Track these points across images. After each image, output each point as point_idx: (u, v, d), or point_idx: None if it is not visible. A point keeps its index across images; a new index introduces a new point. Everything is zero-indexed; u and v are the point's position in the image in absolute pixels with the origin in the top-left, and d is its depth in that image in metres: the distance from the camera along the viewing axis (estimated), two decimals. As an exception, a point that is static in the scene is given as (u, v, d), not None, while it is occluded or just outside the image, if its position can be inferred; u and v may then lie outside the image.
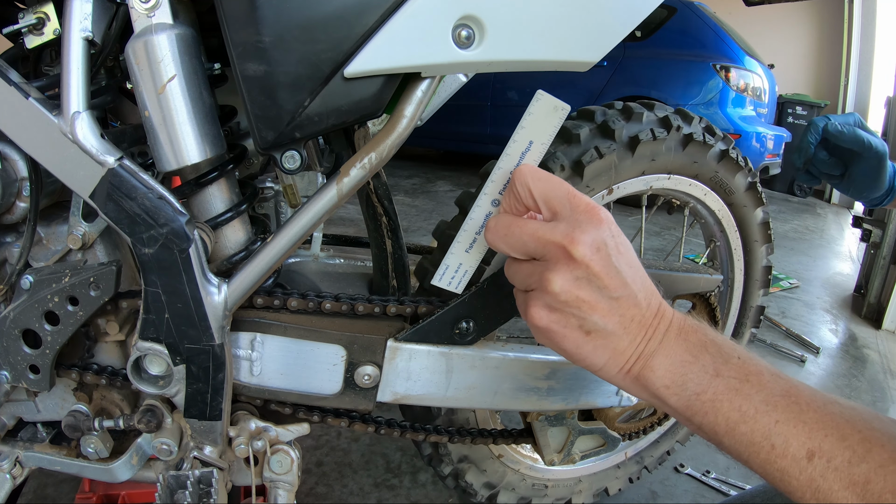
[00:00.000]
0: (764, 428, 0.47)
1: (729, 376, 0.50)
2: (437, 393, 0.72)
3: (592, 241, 0.49)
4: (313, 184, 1.06)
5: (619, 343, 0.51)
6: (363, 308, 0.70)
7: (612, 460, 1.21)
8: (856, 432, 0.45)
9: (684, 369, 0.51)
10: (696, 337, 0.52)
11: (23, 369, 0.66)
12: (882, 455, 0.43)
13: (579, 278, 0.50)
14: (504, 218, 0.54)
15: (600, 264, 0.49)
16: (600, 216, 0.51)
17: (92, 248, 0.68)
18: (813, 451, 0.45)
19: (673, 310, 0.54)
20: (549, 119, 0.55)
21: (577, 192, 0.52)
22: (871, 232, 2.59)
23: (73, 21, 0.55)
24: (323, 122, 0.57)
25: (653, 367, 0.51)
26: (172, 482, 0.67)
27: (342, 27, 0.53)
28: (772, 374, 0.50)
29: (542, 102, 0.55)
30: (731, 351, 0.51)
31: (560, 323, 0.51)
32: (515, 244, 0.53)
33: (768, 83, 4.45)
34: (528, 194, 0.53)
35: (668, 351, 0.51)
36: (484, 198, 0.58)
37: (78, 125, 0.55)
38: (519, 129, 0.56)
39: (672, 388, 0.51)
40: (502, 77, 4.84)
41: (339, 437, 1.47)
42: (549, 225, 0.51)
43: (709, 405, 0.49)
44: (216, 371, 0.65)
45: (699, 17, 4.34)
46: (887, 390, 1.99)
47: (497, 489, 1.08)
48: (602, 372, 0.53)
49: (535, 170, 0.54)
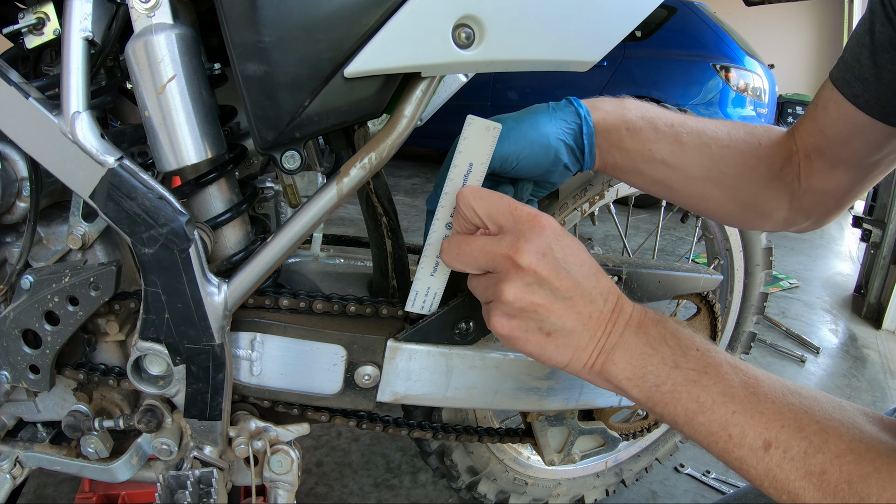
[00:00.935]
0: (721, 418, 0.49)
1: (687, 368, 0.51)
2: (437, 393, 0.72)
3: (537, 248, 0.52)
4: (313, 184, 1.06)
5: (580, 340, 0.53)
6: (363, 308, 0.70)
7: (592, 468, 1.21)
8: (813, 423, 0.46)
9: (644, 361, 0.53)
10: (656, 330, 0.54)
11: (23, 369, 0.66)
12: (839, 445, 0.44)
13: (530, 284, 0.52)
14: (455, 238, 0.57)
15: (547, 268, 0.52)
16: (542, 223, 0.53)
17: (92, 248, 0.68)
18: (769, 441, 0.47)
19: (633, 304, 0.56)
20: (483, 140, 0.58)
21: (518, 204, 0.55)
22: (871, 232, 2.59)
23: (73, 21, 0.55)
24: (323, 122, 0.57)
25: (614, 360, 0.53)
26: (172, 482, 0.67)
27: (342, 27, 0.53)
28: (731, 365, 0.52)
29: (474, 126, 0.58)
30: (690, 343, 0.53)
31: (521, 328, 0.54)
32: (467, 260, 0.56)
33: (768, 83, 4.44)
34: (473, 214, 0.56)
35: (628, 344, 0.53)
36: (437, 223, 0.60)
37: (78, 125, 0.55)
38: (457, 154, 0.58)
39: (633, 381, 0.53)
40: (502, 77, 4.84)
41: (339, 437, 1.47)
42: (495, 239, 0.54)
43: (668, 396, 0.51)
44: (216, 371, 0.65)
45: (699, 17, 4.34)
46: (887, 390, 1.99)
47: (479, 476, 1.07)
48: (569, 368, 0.55)
49: (476, 189, 0.57)
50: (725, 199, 0.74)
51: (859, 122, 0.65)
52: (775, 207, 0.75)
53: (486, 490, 1.10)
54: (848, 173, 0.70)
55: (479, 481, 1.09)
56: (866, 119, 0.64)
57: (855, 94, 0.64)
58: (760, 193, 0.73)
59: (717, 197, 0.74)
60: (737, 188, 0.73)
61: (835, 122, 0.67)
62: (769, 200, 0.74)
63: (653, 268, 0.81)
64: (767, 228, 0.80)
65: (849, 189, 0.71)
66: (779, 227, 0.78)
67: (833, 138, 0.68)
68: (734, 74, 4.18)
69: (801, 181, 0.73)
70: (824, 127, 0.69)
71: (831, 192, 0.72)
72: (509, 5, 0.54)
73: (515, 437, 0.94)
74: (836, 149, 0.68)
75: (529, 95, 4.94)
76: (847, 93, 0.65)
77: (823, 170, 0.71)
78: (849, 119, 0.66)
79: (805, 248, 3.78)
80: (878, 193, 2.70)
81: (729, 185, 0.73)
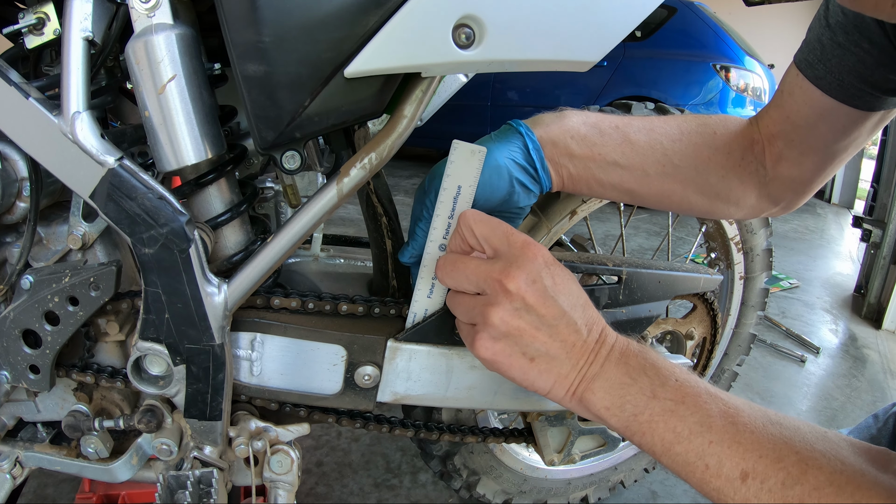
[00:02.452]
0: (698, 448, 0.49)
1: (665, 398, 0.51)
2: (437, 393, 0.72)
3: (527, 275, 0.53)
4: (313, 184, 1.06)
5: (562, 367, 0.54)
6: (363, 308, 0.70)
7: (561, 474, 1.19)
8: (793, 454, 0.46)
9: (623, 391, 0.53)
10: (636, 361, 0.54)
11: (23, 369, 0.66)
12: (818, 477, 0.44)
13: (517, 309, 0.53)
14: (451, 256, 0.59)
15: (535, 296, 0.53)
16: (534, 252, 0.54)
17: (92, 248, 0.68)
18: (747, 471, 0.46)
19: (617, 335, 0.57)
20: (469, 164, 0.60)
21: (514, 231, 0.56)
22: (871, 232, 2.59)
23: (73, 21, 0.55)
24: (323, 122, 0.57)
25: (594, 389, 0.54)
26: (172, 482, 0.67)
27: (342, 27, 0.53)
28: (711, 395, 0.51)
29: (460, 150, 0.60)
30: (669, 374, 0.53)
31: (504, 352, 0.55)
32: (460, 279, 0.57)
33: (768, 83, 4.44)
34: (472, 235, 0.57)
35: (608, 374, 0.54)
36: (431, 245, 0.62)
37: (78, 125, 0.55)
38: (446, 178, 0.60)
39: (612, 410, 0.53)
40: (502, 77, 4.84)
41: (339, 437, 1.47)
42: (488, 262, 0.56)
43: (646, 426, 0.51)
44: (216, 371, 0.65)
45: (699, 17, 4.34)
46: (887, 390, 1.99)
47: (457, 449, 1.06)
48: (550, 395, 0.56)
49: (476, 213, 0.58)
50: (687, 193, 0.74)
51: (825, 105, 0.65)
52: (741, 196, 0.75)
53: (461, 463, 1.07)
54: (815, 158, 0.70)
55: (454, 455, 1.07)
56: (831, 102, 0.65)
57: (818, 76, 0.65)
58: (722, 183, 0.73)
59: (679, 191, 0.73)
60: (696, 180, 0.73)
61: (801, 107, 0.68)
62: (733, 189, 0.74)
63: (653, 268, 0.81)
64: (739, 216, 0.80)
65: (816, 174, 0.72)
66: (749, 214, 0.79)
67: (799, 124, 0.69)
68: (734, 74, 4.18)
69: (768, 168, 0.73)
70: (791, 113, 0.69)
71: (798, 178, 0.73)
72: (509, 5, 0.54)
73: (515, 437, 0.94)
74: (803, 135, 0.69)
75: (529, 95, 4.94)
76: (810, 75, 0.66)
77: (791, 157, 0.71)
78: (814, 104, 0.66)
79: (805, 248, 3.78)
80: (878, 193, 2.70)
81: (687, 178, 0.72)
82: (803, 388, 1.97)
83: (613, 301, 0.79)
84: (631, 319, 0.80)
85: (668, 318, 0.99)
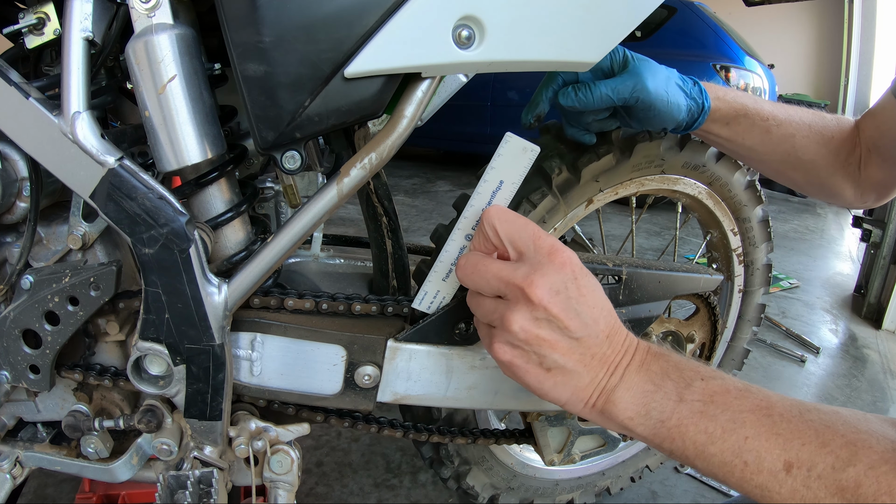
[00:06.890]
0: (733, 446, 0.47)
1: (692, 400, 0.50)
2: (437, 393, 0.72)
3: (552, 285, 0.51)
4: (313, 184, 1.06)
5: (580, 380, 0.53)
6: (363, 308, 0.70)
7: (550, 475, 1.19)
8: (838, 437, 0.44)
9: (646, 399, 0.52)
10: (658, 365, 0.53)
11: (23, 369, 0.66)
12: (871, 457, 0.42)
13: (539, 319, 0.51)
14: (472, 256, 0.56)
15: (559, 307, 0.51)
16: (562, 259, 0.52)
17: (92, 248, 0.68)
18: (790, 461, 0.44)
19: (638, 340, 0.55)
20: (518, 160, 0.57)
21: (542, 233, 0.54)
22: (871, 232, 2.59)
23: (73, 21, 0.55)
24: (323, 122, 0.57)
25: (615, 400, 0.52)
26: (172, 482, 0.67)
27: (342, 27, 0.53)
28: (740, 390, 0.50)
29: (512, 144, 0.56)
30: (694, 374, 0.52)
31: (522, 359, 0.53)
32: (480, 282, 0.55)
33: (768, 83, 4.44)
34: (494, 235, 0.55)
35: (629, 384, 0.53)
36: (457, 232, 0.60)
37: (78, 125, 0.55)
38: (489, 170, 0.57)
39: (636, 419, 0.52)
40: (502, 77, 4.83)
41: (339, 437, 1.47)
42: (511, 266, 0.53)
43: (675, 431, 0.50)
44: (216, 371, 0.65)
45: (699, 17, 4.34)
46: (887, 390, 1.99)
47: None
48: (567, 406, 0.55)
49: (502, 211, 0.56)
50: (798, 179, 0.90)
51: None
52: (841, 190, 0.89)
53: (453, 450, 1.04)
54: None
55: None
56: None
57: None
58: (829, 179, 0.88)
59: (792, 176, 0.90)
60: (809, 172, 0.87)
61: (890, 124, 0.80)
62: (835, 185, 0.88)
63: (653, 268, 0.81)
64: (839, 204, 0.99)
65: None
66: (847, 204, 0.94)
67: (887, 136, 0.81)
68: (734, 74, 4.18)
69: (861, 170, 0.86)
70: (881, 124, 0.82)
71: (883, 181, 0.85)
72: (510, 5, 0.54)
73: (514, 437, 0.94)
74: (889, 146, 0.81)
75: (529, 95, 4.92)
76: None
77: (878, 163, 0.83)
78: None
79: (805, 248, 3.78)
80: (878, 193, 2.69)
81: (803, 170, 0.87)
82: (803, 389, 1.97)
83: (613, 301, 0.79)
84: (631, 319, 0.80)
85: (672, 319, 0.99)
